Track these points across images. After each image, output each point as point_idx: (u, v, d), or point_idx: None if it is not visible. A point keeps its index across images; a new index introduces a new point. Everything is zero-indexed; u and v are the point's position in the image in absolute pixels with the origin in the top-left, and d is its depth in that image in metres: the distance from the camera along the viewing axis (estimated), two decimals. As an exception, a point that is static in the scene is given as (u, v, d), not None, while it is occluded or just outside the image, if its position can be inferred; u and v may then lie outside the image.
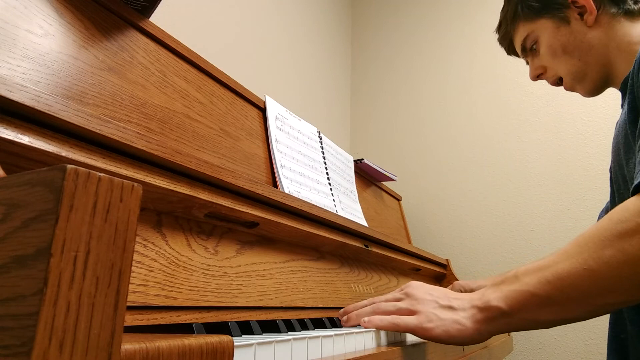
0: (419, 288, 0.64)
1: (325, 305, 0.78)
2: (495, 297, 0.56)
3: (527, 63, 0.99)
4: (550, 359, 1.62)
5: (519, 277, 0.56)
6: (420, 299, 0.62)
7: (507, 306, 0.55)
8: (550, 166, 1.76)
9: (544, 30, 0.88)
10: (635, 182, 0.54)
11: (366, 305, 0.68)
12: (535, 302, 0.54)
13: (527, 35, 0.91)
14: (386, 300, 0.66)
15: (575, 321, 0.55)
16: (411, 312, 0.61)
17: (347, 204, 1.20)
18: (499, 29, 1.00)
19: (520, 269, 0.57)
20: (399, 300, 0.64)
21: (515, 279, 0.56)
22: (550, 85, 0.95)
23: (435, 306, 0.60)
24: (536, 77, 0.95)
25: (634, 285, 0.50)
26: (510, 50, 1.01)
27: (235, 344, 0.31)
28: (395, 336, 0.66)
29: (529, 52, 0.93)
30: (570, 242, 0.55)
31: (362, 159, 1.46)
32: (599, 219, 0.97)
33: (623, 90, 0.80)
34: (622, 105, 0.82)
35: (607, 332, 0.85)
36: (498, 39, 1.01)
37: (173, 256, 0.51)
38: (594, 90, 0.89)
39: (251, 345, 0.37)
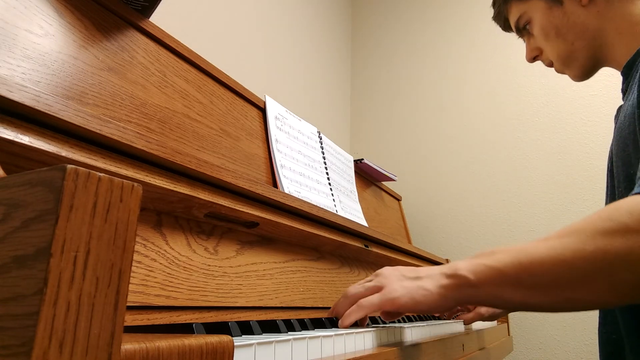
0: (389, 269, 0.65)
1: (325, 305, 0.78)
2: (465, 266, 0.57)
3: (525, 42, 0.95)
4: (550, 359, 1.62)
5: (495, 253, 0.56)
6: (387, 275, 0.63)
7: (475, 278, 0.55)
8: (550, 166, 1.76)
9: (536, 12, 0.84)
10: (636, 189, 0.53)
11: (341, 300, 0.68)
12: (502, 280, 0.54)
13: (520, 16, 0.87)
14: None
15: (536, 309, 0.56)
16: (378, 289, 0.61)
17: (347, 204, 1.20)
18: (493, 5, 0.95)
19: (500, 247, 0.57)
20: (369, 282, 0.65)
21: (491, 254, 0.56)
22: (545, 67, 0.91)
23: (401, 279, 0.61)
24: (532, 58, 0.91)
25: (605, 285, 0.49)
26: (507, 27, 0.96)
27: (235, 344, 0.31)
28: (395, 336, 0.66)
29: (523, 32, 0.90)
30: (557, 230, 0.54)
31: (362, 159, 1.46)
32: None
33: (625, 74, 0.76)
34: (623, 90, 0.78)
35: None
36: (493, 16, 0.96)
37: (173, 256, 0.51)
38: (583, 75, 0.85)
39: (251, 345, 0.37)
